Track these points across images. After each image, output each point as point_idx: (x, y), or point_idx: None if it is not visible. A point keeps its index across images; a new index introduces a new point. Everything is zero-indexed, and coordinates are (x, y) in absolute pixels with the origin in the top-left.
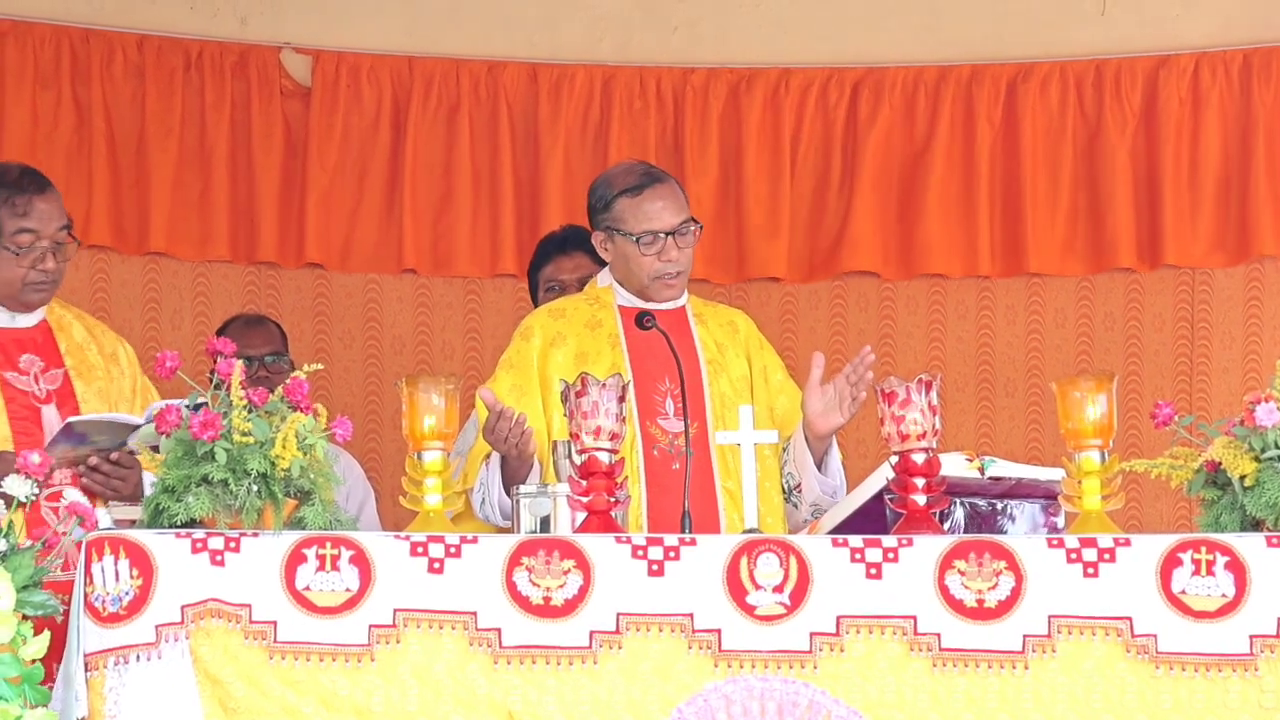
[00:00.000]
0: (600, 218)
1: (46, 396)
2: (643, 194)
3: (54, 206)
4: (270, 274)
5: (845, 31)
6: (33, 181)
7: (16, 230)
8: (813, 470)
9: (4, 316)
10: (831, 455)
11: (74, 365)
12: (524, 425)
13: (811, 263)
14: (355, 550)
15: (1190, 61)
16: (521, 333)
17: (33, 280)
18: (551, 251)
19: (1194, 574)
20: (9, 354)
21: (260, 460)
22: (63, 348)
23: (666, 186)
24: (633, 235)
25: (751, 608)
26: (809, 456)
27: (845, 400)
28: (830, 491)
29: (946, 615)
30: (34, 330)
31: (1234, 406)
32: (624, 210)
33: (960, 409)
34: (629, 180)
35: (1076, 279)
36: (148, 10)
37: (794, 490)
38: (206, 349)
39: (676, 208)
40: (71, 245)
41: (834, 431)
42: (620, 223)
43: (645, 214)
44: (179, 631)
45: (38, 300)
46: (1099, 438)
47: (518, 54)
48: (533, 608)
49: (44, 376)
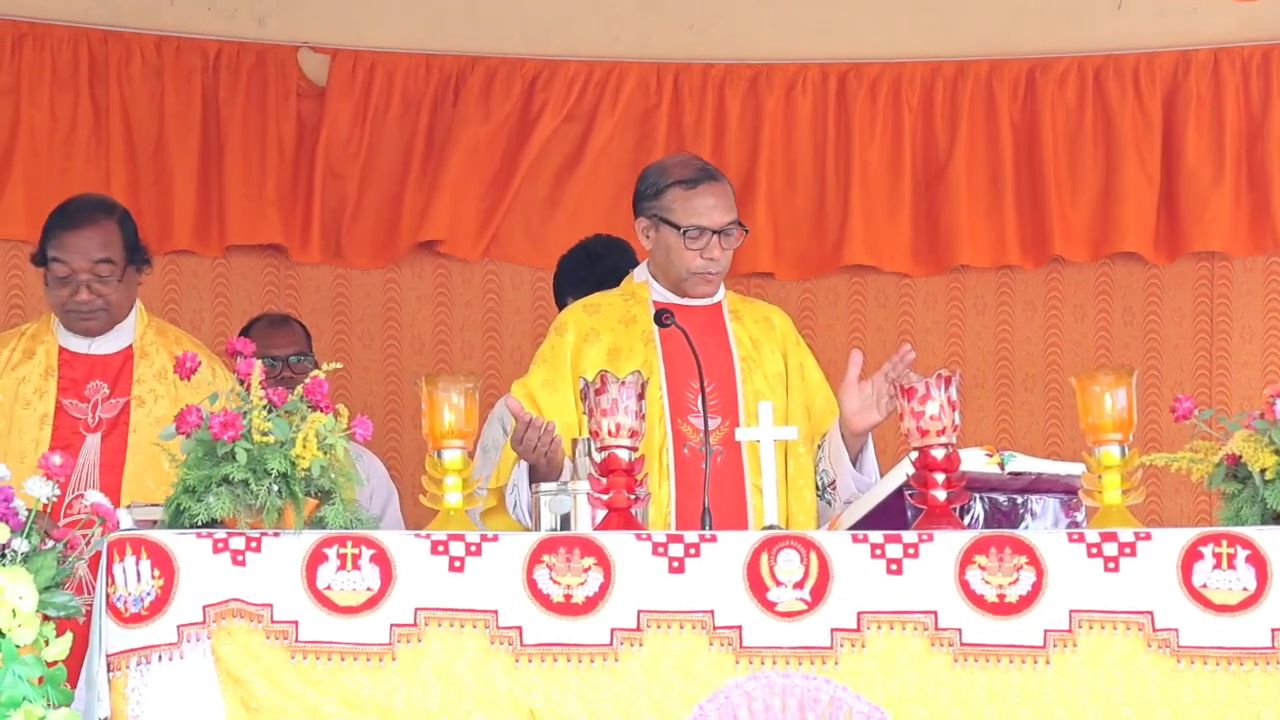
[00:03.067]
0: (648, 204)
1: (97, 425)
2: (697, 188)
3: (90, 241)
4: (289, 273)
5: (862, 27)
6: (77, 215)
7: (53, 260)
8: (848, 467)
9: (82, 343)
10: (867, 453)
11: (139, 394)
12: (553, 433)
13: (827, 258)
14: (376, 549)
15: (1209, 57)
16: (556, 328)
17: (71, 309)
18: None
19: (1215, 567)
20: (78, 380)
21: (281, 460)
22: (137, 374)
23: (720, 185)
24: (680, 227)
25: (772, 604)
26: (845, 453)
27: (883, 398)
28: (865, 489)
29: (967, 610)
30: (114, 356)
31: (1254, 400)
32: (675, 201)
33: (979, 404)
34: (685, 172)
35: (1095, 272)
36: (166, 12)
37: (828, 488)
38: (227, 349)
39: (726, 207)
40: (114, 276)
41: (870, 429)
42: (669, 212)
43: (696, 209)
44: (201, 631)
45: (83, 328)
46: (1119, 432)
47: (534, 51)
48: (553, 605)
49: (104, 405)
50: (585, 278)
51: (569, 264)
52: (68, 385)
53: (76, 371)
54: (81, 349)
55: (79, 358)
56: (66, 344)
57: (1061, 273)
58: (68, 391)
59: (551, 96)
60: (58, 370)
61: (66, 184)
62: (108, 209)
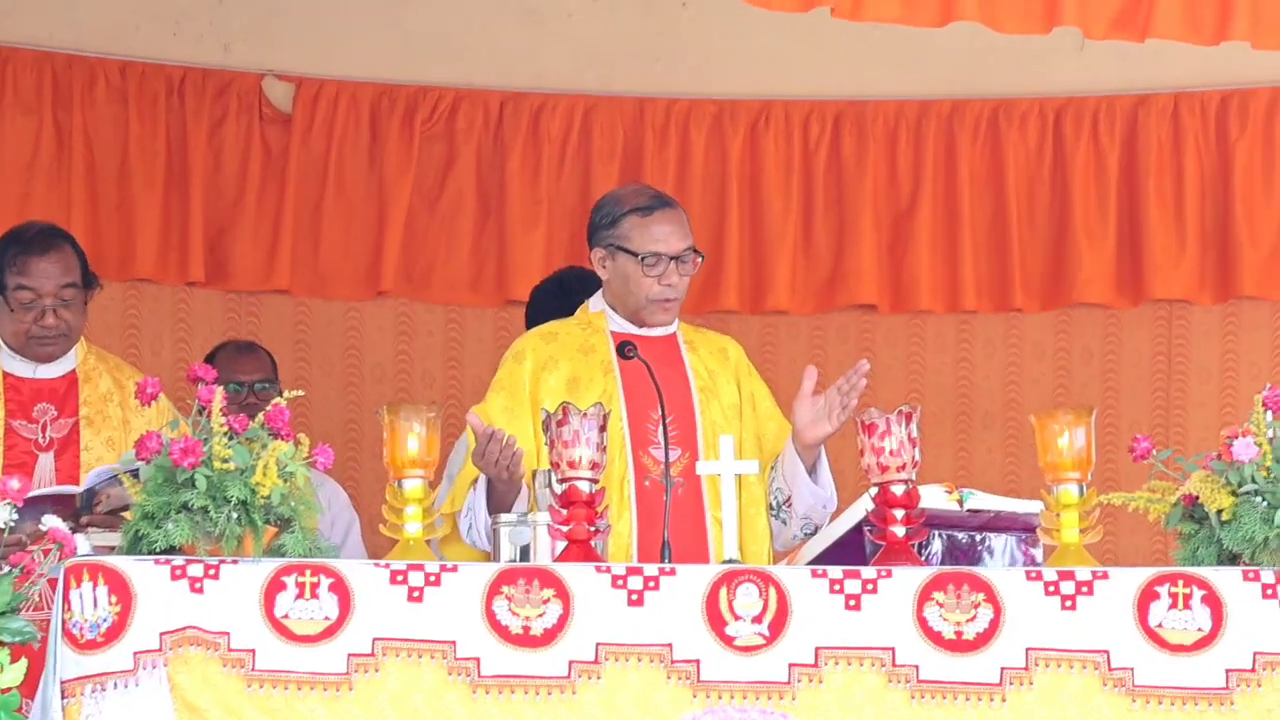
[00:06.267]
0: (604, 234)
1: (49, 444)
2: (653, 215)
3: (57, 265)
4: (250, 301)
5: (826, 66)
6: (40, 241)
7: (15, 287)
8: (805, 479)
9: (27, 368)
10: (822, 465)
11: (87, 415)
12: (514, 447)
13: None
14: (334, 578)
15: (1169, 101)
16: (513, 355)
17: (35, 335)
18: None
19: (1171, 607)
20: (25, 403)
21: (240, 487)
22: (82, 397)
23: (676, 212)
24: (637, 255)
25: (730, 638)
26: (800, 466)
27: (835, 409)
28: (822, 502)
29: (925, 647)
30: (59, 380)
31: (1211, 441)
32: (631, 229)
33: (938, 441)
34: (640, 200)
35: (1055, 313)
36: (131, 37)
37: (783, 505)
38: (188, 375)
39: (682, 234)
40: (78, 300)
41: (822, 441)
42: (626, 240)
43: (652, 235)
44: (157, 659)
45: (45, 354)
46: (1077, 471)
47: (501, 83)
48: (512, 637)
49: (53, 425)
50: (559, 309)
51: (542, 295)
52: (15, 408)
53: (23, 395)
54: (26, 374)
55: (24, 382)
56: (11, 369)
57: (1021, 312)
58: (16, 414)
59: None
60: (3, 394)
61: (27, 209)
62: (63, 234)
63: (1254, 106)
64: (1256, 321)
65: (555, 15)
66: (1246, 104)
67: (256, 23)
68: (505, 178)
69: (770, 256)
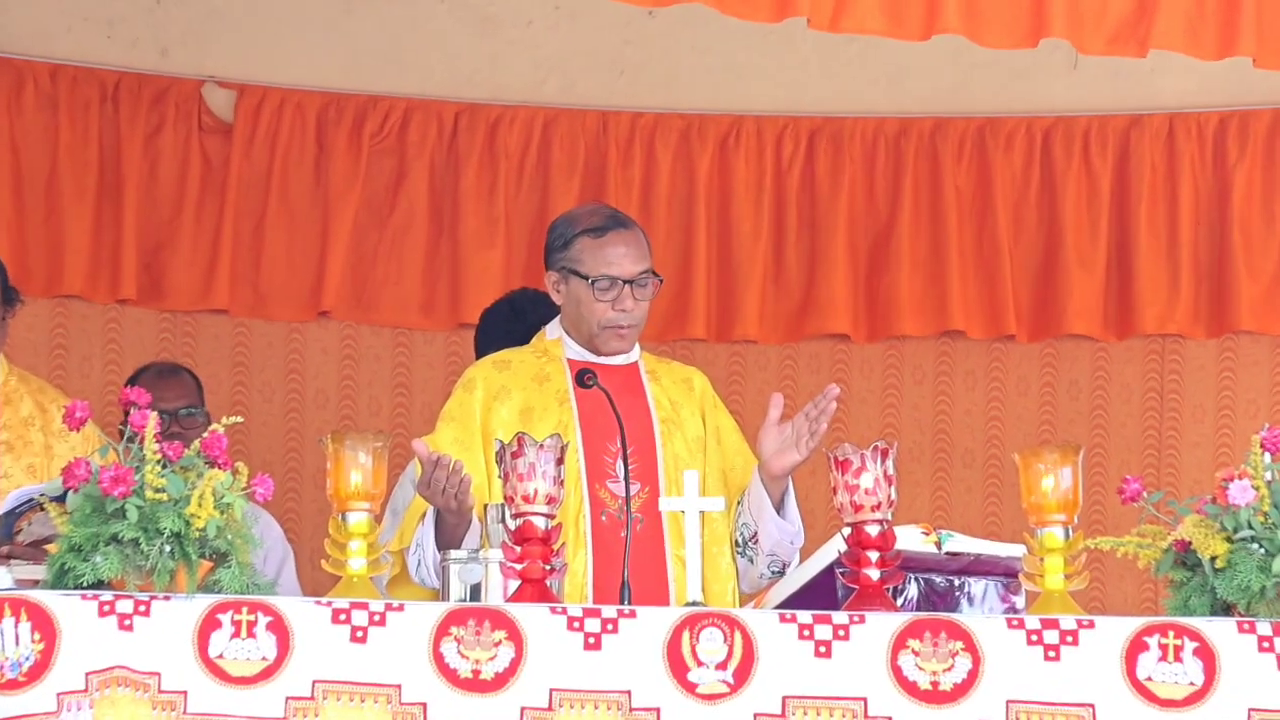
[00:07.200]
0: (557, 256)
1: None
2: (606, 236)
3: None
4: (186, 320)
5: (801, 80)
6: None
7: None
8: (771, 514)
9: None
10: (789, 500)
11: (7, 440)
12: (461, 473)
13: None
14: (273, 616)
15: (1164, 122)
16: (464, 384)
17: None
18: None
19: (1161, 660)
20: None
21: (174, 519)
22: (1, 421)
23: (631, 233)
24: (589, 278)
25: (693, 685)
26: (766, 500)
27: (803, 437)
28: (789, 537)
29: (899, 698)
30: None
31: (1205, 483)
32: (583, 251)
33: (915, 479)
34: (593, 221)
35: (1040, 344)
36: (62, 39)
37: (749, 542)
38: (119, 399)
39: (638, 256)
40: None
41: (790, 471)
42: (578, 263)
43: (605, 258)
44: (82, 700)
45: None
46: (1063, 513)
47: (455, 93)
48: (461, 681)
49: None
50: (510, 332)
51: (493, 318)
52: None
53: None
54: None
55: None
56: None
57: (1005, 343)
58: None
59: (476, 140)
60: None
61: None
62: None
63: (1255, 128)
64: (1255, 357)
65: (514, 22)
66: (1246, 125)
67: (196, 26)
68: (459, 194)
69: (739, 282)
